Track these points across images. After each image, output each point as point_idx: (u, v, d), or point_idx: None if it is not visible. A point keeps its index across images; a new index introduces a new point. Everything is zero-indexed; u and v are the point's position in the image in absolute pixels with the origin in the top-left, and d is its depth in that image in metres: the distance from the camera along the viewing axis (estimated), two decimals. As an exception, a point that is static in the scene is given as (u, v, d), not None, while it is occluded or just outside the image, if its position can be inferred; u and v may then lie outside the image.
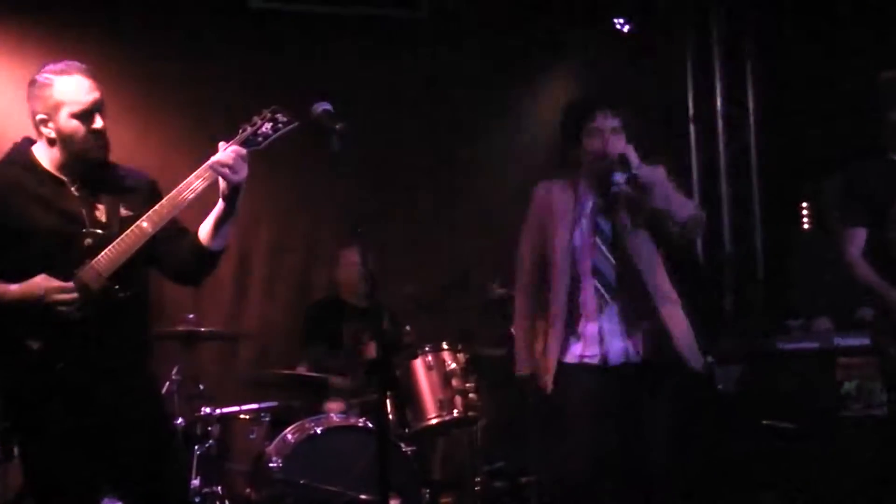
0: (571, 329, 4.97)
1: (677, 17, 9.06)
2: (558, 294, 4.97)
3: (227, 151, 3.97)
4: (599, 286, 4.95)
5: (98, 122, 4.05)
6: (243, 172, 3.99)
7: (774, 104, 8.71)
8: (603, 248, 4.99)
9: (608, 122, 5.03)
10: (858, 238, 5.27)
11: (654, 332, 4.95)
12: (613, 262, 4.98)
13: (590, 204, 5.07)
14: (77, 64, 4.08)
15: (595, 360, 4.93)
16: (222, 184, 4.01)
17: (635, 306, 4.97)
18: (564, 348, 4.96)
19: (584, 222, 5.04)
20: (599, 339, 4.93)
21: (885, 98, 5.31)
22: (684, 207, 5.00)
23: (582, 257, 5.00)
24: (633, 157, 4.85)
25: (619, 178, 4.89)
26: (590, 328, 4.95)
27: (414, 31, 8.10)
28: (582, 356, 4.94)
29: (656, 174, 4.93)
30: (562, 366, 4.94)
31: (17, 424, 4.01)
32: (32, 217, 3.98)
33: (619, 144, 4.90)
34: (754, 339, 7.45)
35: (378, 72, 7.87)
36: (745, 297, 8.85)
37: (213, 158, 3.97)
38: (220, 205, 4.10)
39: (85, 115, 4.02)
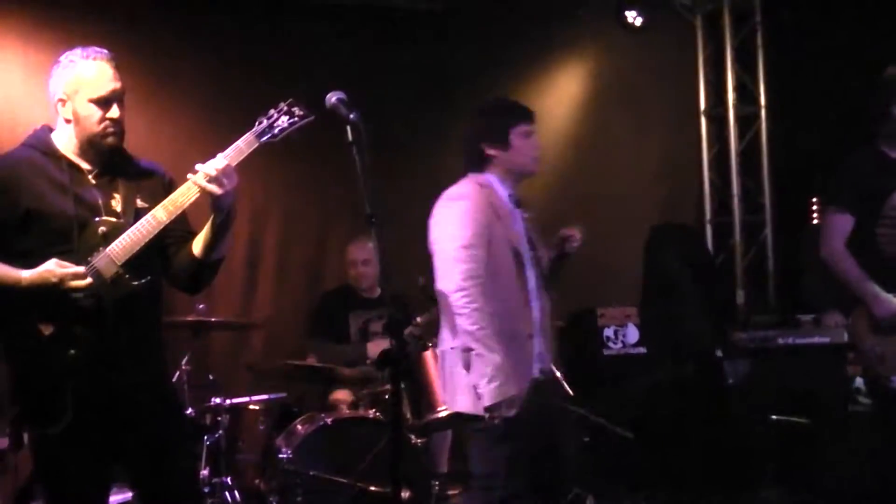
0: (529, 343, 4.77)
1: (689, 11, 9.04)
2: (523, 304, 4.76)
3: (211, 161, 3.95)
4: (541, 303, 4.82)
5: (114, 112, 4.05)
6: (228, 185, 3.95)
7: (786, 99, 8.70)
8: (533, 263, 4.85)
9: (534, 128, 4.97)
10: (843, 226, 5.29)
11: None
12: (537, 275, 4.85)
13: (518, 212, 4.90)
14: (104, 52, 4.10)
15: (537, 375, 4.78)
16: (210, 198, 3.99)
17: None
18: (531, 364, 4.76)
19: (525, 232, 4.88)
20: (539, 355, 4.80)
21: (888, 93, 5.32)
22: None
23: (527, 268, 4.81)
24: None
25: None
26: (536, 344, 4.77)
27: (430, 23, 8.08)
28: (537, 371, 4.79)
29: None
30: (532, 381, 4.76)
31: (27, 411, 3.98)
32: (50, 201, 3.98)
33: None
34: (765, 334, 7.43)
35: (394, 63, 7.86)
36: (756, 292, 8.85)
37: (198, 172, 3.95)
38: (209, 221, 4.08)
39: (103, 102, 4.03)
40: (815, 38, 8.21)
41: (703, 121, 9.15)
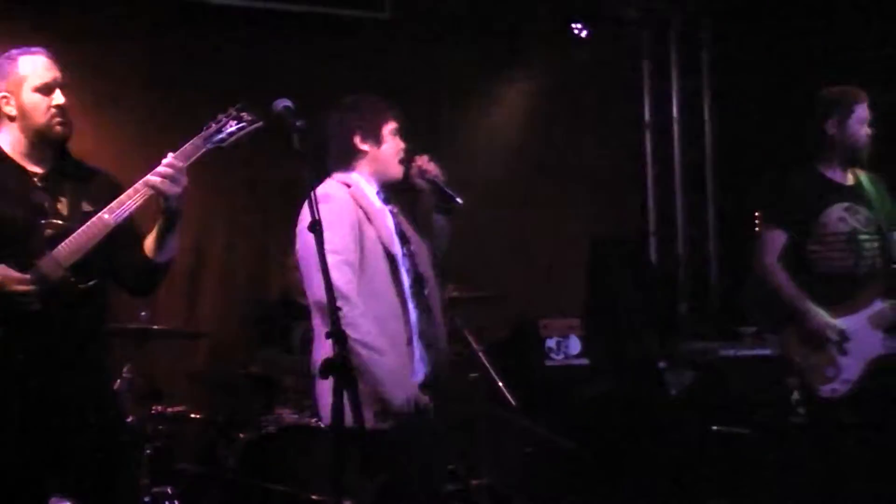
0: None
1: (635, 25, 9.09)
2: (399, 307, 4.52)
3: (161, 167, 3.96)
4: (423, 302, 4.62)
5: (59, 98, 4.07)
6: (178, 187, 3.97)
7: (731, 113, 8.77)
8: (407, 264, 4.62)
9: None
10: (777, 242, 5.53)
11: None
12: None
13: (387, 209, 4.67)
14: (39, 48, 4.14)
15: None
16: (159, 199, 4.00)
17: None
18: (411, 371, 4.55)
19: (395, 228, 4.64)
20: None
21: (823, 112, 5.53)
22: None
23: (402, 270, 4.57)
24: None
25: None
26: (416, 349, 4.56)
27: (375, 31, 8.06)
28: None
29: None
30: None
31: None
32: None
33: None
34: (707, 345, 7.50)
35: (338, 72, 7.82)
36: (698, 304, 8.91)
37: (148, 175, 3.96)
38: (158, 221, 4.09)
39: (46, 89, 4.05)
40: (760, 53, 8.29)
41: (648, 133, 9.20)
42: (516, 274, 8.32)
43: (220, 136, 4.06)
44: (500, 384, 6.68)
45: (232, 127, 4.08)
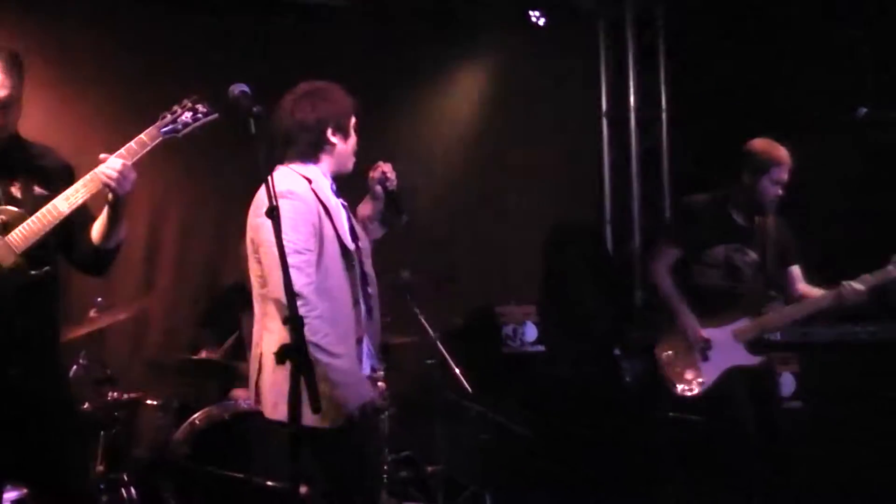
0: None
1: (592, 13, 9.10)
2: (352, 305, 4.51)
3: (112, 161, 3.96)
4: (367, 300, 4.60)
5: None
6: (128, 185, 3.99)
7: (687, 103, 8.80)
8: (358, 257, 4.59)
9: None
10: (669, 256, 6.27)
11: None
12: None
13: (340, 203, 4.61)
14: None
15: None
16: (108, 193, 4.02)
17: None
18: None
19: (347, 223, 4.59)
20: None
21: (742, 162, 6.09)
22: None
23: (356, 266, 4.54)
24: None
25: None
26: (364, 347, 4.59)
27: (330, 18, 8.03)
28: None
29: None
30: None
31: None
32: None
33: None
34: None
35: (295, 58, 7.77)
36: (653, 292, 8.94)
37: (99, 168, 3.97)
38: (105, 211, 4.09)
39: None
40: (716, 44, 8.32)
41: (605, 123, 9.23)
42: (472, 261, 8.34)
43: (175, 126, 4.09)
44: (457, 371, 6.70)
45: (187, 118, 4.10)
